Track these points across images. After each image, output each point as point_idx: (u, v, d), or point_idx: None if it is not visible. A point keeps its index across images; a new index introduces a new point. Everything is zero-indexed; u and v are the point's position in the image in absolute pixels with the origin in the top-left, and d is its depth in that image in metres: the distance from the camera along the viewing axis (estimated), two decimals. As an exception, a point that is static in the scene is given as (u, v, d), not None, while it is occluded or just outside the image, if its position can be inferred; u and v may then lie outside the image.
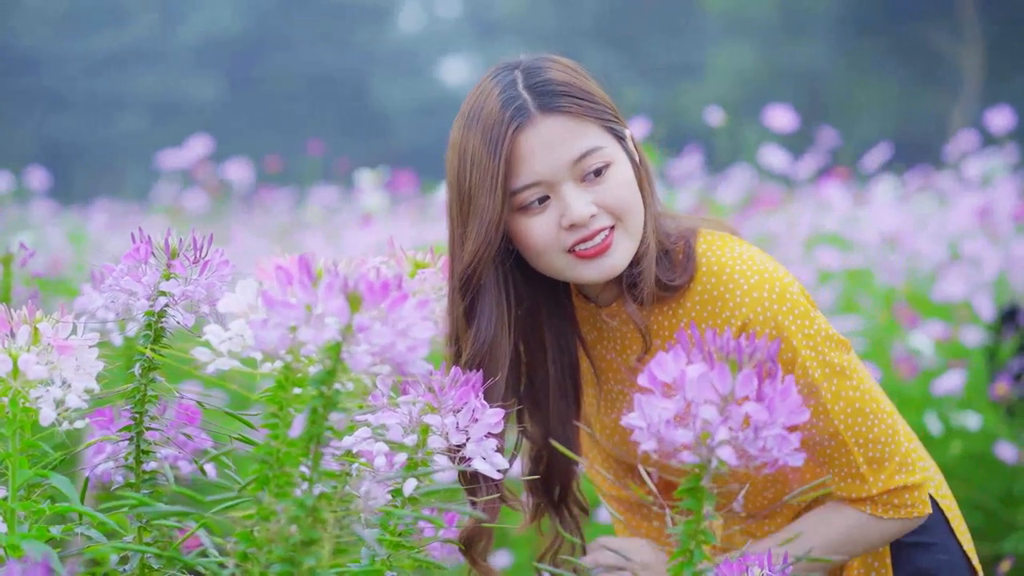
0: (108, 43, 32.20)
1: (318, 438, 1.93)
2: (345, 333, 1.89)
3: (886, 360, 5.22)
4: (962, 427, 4.89)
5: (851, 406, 2.63)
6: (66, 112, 31.26)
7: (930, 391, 5.05)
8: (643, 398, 1.98)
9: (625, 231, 2.60)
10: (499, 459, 2.24)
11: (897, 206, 6.91)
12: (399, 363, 1.91)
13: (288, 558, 1.91)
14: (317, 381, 1.92)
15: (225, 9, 33.29)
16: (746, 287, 2.59)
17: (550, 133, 2.56)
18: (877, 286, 5.93)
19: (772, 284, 2.59)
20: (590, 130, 2.58)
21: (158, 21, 33.23)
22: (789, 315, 2.59)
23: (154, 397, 2.29)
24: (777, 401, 1.97)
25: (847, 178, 7.46)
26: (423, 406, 2.23)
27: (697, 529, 2.02)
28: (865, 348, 5.35)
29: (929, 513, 2.70)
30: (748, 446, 1.96)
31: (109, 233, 8.91)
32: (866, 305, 5.76)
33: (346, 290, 1.89)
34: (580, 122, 2.58)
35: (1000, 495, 4.82)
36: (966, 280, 5.50)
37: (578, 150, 2.57)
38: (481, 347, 2.64)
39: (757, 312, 2.58)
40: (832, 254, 5.87)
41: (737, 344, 1.99)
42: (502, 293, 2.66)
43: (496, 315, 2.65)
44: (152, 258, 2.28)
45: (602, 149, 2.58)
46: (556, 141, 2.56)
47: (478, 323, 2.65)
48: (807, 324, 2.60)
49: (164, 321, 2.29)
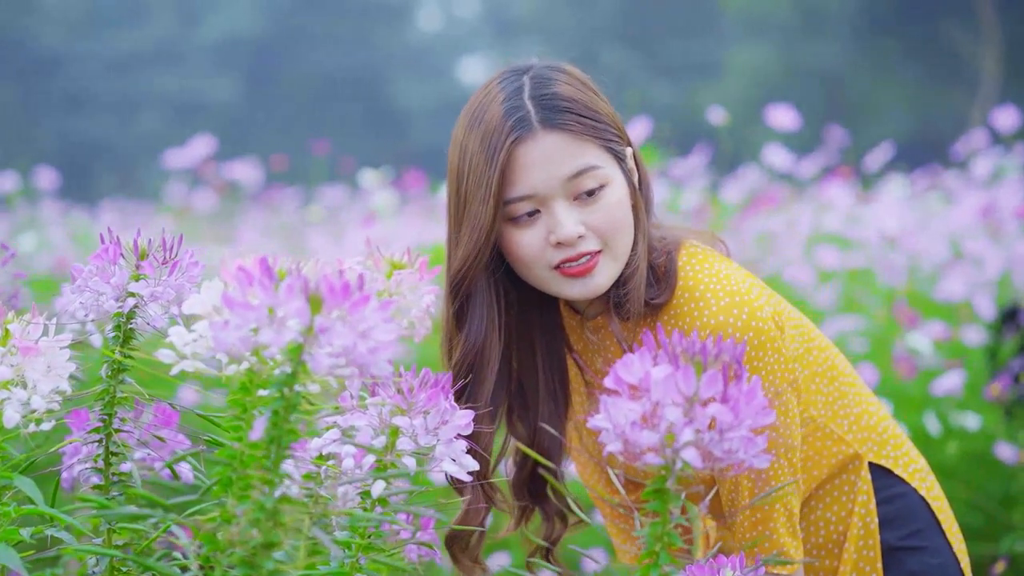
0: (127, 43, 32.26)
1: (279, 440, 1.93)
2: (306, 335, 1.88)
3: (886, 360, 5.20)
4: (961, 427, 4.87)
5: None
6: (85, 112, 31.33)
7: (930, 391, 5.02)
8: (609, 399, 1.97)
9: (611, 255, 2.60)
10: (469, 461, 2.23)
11: (904, 205, 6.88)
12: (362, 365, 1.90)
13: (248, 561, 1.90)
14: (278, 383, 1.91)
15: (244, 9, 33.33)
16: (715, 308, 2.59)
17: (549, 149, 2.56)
18: (878, 286, 5.91)
19: (741, 308, 2.58)
20: (589, 149, 2.58)
21: (177, 21, 33.28)
22: (748, 345, 2.57)
23: (124, 399, 2.27)
24: (742, 403, 1.96)
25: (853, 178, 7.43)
26: (392, 408, 2.22)
27: (663, 531, 2.01)
28: (866, 348, 5.34)
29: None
30: (713, 448, 1.95)
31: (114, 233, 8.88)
32: (867, 305, 5.73)
33: (307, 292, 1.89)
34: (580, 141, 2.57)
35: (1000, 496, 4.80)
36: (968, 280, 5.48)
37: (574, 168, 2.56)
38: (470, 350, 2.65)
39: (719, 336, 2.57)
40: (832, 253, 5.85)
41: (703, 346, 1.99)
42: (493, 298, 2.67)
43: (486, 319, 2.66)
44: (121, 259, 2.27)
45: (598, 169, 2.57)
46: (554, 157, 2.56)
47: (468, 326, 2.66)
48: (763, 355, 2.59)
49: (134, 322, 2.28)
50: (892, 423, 2.86)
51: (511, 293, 2.73)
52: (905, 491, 2.80)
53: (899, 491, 2.80)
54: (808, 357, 2.75)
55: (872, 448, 2.79)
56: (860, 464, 2.78)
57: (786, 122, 6.20)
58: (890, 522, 2.78)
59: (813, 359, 2.76)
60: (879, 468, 2.79)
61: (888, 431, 2.82)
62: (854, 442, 2.77)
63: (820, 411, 2.76)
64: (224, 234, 7.87)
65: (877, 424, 2.81)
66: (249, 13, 33.35)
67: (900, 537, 2.77)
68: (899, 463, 2.81)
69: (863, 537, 2.77)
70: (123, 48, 32.17)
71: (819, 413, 2.75)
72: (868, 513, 2.77)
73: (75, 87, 31.54)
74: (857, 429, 2.78)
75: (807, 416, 2.73)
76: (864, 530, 2.77)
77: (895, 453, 2.81)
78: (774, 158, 6.50)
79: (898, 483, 2.80)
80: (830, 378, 2.78)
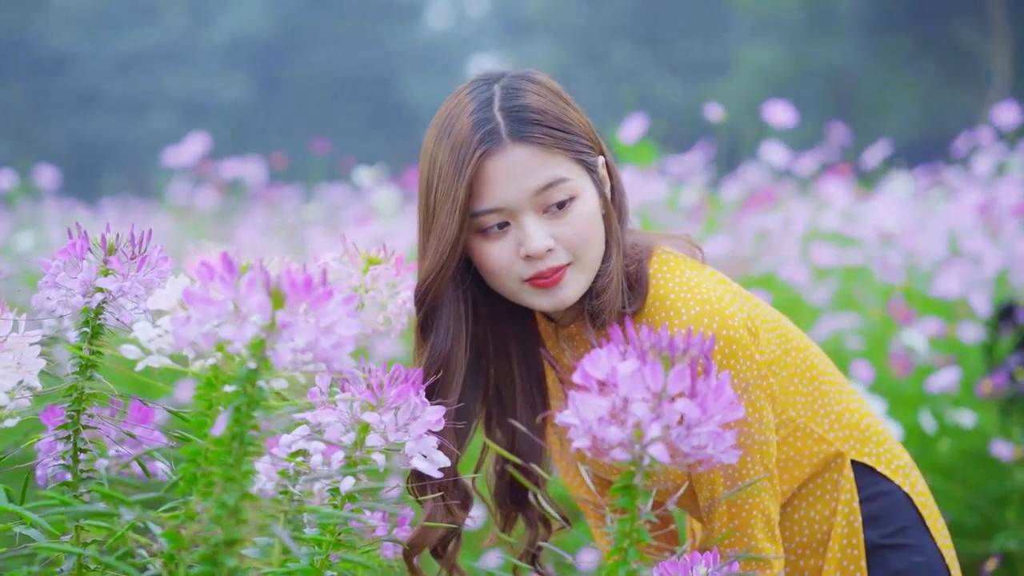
0: (136, 43, 32.30)
1: (241, 437, 1.91)
2: (268, 330, 1.86)
3: (882, 357, 5.18)
4: (957, 425, 4.84)
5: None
6: (94, 111, 31.37)
7: (925, 389, 4.99)
8: (577, 395, 1.95)
9: (580, 266, 2.59)
10: (440, 457, 2.22)
11: (907, 203, 6.84)
12: (324, 360, 1.88)
13: (210, 558, 1.88)
14: (241, 379, 1.89)
15: (253, 9, 33.35)
16: (685, 317, 2.57)
17: (517, 162, 2.53)
18: (876, 283, 5.88)
19: (712, 316, 2.56)
20: (559, 162, 2.55)
21: (187, 21, 33.30)
22: (719, 354, 2.55)
23: (93, 395, 2.26)
24: (710, 398, 1.94)
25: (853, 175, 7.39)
26: (362, 404, 2.20)
27: (632, 528, 1.99)
28: (862, 346, 5.31)
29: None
30: (681, 443, 1.93)
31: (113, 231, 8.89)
32: (864, 302, 5.70)
33: (269, 286, 1.87)
34: (549, 153, 2.55)
35: (996, 494, 4.77)
36: (965, 277, 5.45)
37: (543, 181, 2.54)
38: (435, 360, 2.64)
39: None
40: (828, 251, 5.82)
41: (671, 341, 1.97)
42: (461, 308, 2.66)
43: (452, 330, 2.64)
44: (89, 254, 2.25)
45: (568, 182, 2.55)
46: (522, 170, 2.53)
47: (434, 336, 2.64)
48: (735, 362, 2.57)
49: (103, 318, 2.26)
50: (874, 420, 2.83)
51: (482, 303, 2.72)
52: (889, 488, 2.78)
53: (883, 488, 2.78)
54: (786, 359, 2.73)
55: (854, 446, 2.77)
56: (842, 462, 2.75)
57: (784, 119, 6.17)
58: (874, 520, 2.76)
59: (791, 360, 2.74)
60: (862, 466, 2.77)
61: (870, 428, 2.80)
62: (835, 440, 2.75)
63: (800, 412, 2.74)
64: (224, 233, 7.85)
65: (859, 421, 2.79)
66: (258, 13, 33.37)
67: (884, 535, 2.75)
68: (882, 460, 2.79)
69: (847, 536, 2.75)
70: (132, 48, 32.21)
71: (799, 414, 2.73)
72: (851, 512, 2.75)
73: (83, 86, 31.58)
74: (838, 427, 2.76)
75: (786, 417, 2.71)
76: (848, 529, 2.75)
77: (877, 450, 2.79)
78: (772, 155, 6.47)
79: (881, 480, 2.78)
80: (809, 378, 2.76)
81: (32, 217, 8.98)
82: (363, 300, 2.64)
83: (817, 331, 5.21)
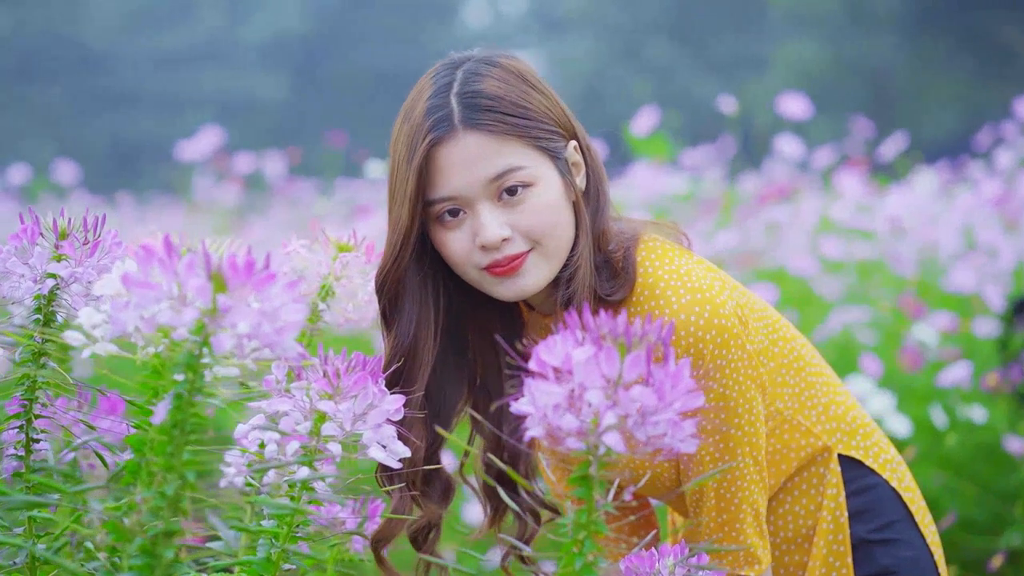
0: (175, 41, 32.41)
1: (183, 425, 1.86)
2: (209, 315, 1.81)
3: (893, 352, 5.10)
4: (968, 420, 4.76)
5: (724, 442, 2.55)
6: (135, 109, 31.48)
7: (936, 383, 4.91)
8: (532, 382, 1.89)
9: (543, 254, 2.52)
10: (399, 447, 2.16)
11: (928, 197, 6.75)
12: (268, 345, 1.83)
13: (149, 550, 1.83)
14: (181, 365, 1.84)
15: (291, 7, 33.40)
16: (675, 306, 2.50)
17: (469, 150, 2.47)
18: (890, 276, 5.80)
19: (703, 305, 2.50)
20: (513, 149, 2.48)
21: (224, 19, 33.38)
22: (711, 343, 2.49)
23: (46, 383, 2.21)
24: (667, 385, 1.88)
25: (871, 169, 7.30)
26: (319, 392, 2.14)
27: (588, 520, 1.93)
28: (874, 340, 5.23)
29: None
30: (637, 432, 1.87)
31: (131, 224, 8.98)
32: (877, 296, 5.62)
33: (209, 270, 1.81)
34: (502, 141, 2.48)
35: (1006, 490, 4.69)
36: (980, 271, 5.37)
37: (495, 170, 2.47)
38: (399, 349, 2.58)
39: (681, 335, 2.49)
40: (838, 244, 5.73)
41: (627, 326, 1.91)
42: (428, 296, 2.60)
43: (417, 318, 2.58)
44: (41, 239, 2.20)
45: (522, 170, 2.48)
46: (474, 159, 2.47)
47: (397, 326, 2.59)
48: (727, 352, 2.51)
49: (55, 305, 2.21)
50: (861, 413, 2.77)
51: (460, 292, 2.66)
52: (876, 482, 2.71)
53: (870, 482, 2.71)
54: (773, 349, 2.66)
55: (841, 439, 2.70)
56: (829, 456, 2.69)
57: (798, 112, 6.10)
58: (861, 514, 2.69)
59: (779, 350, 2.68)
60: (849, 459, 2.71)
61: (857, 420, 2.73)
62: (822, 434, 2.69)
63: (787, 403, 2.67)
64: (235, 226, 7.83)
65: (845, 414, 2.72)
66: (296, 11, 33.41)
67: (871, 530, 2.68)
68: (869, 454, 2.72)
69: (832, 532, 2.68)
70: (170, 46, 32.31)
71: (786, 406, 2.67)
72: (838, 507, 2.68)
73: (123, 85, 31.70)
74: (825, 420, 2.70)
75: (774, 409, 2.65)
76: (834, 524, 2.68)
77: (865, 443, 2.73)
78: (787, 148, 6.39)
79: (869, 474, 2.71)
80: (796, 369, 2.70)
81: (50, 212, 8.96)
82: (333, 288, 2.60)
83: (828, 325, 5.13)
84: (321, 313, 2.60)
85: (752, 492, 2.57)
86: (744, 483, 2.56)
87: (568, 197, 2.53)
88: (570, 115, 2.60)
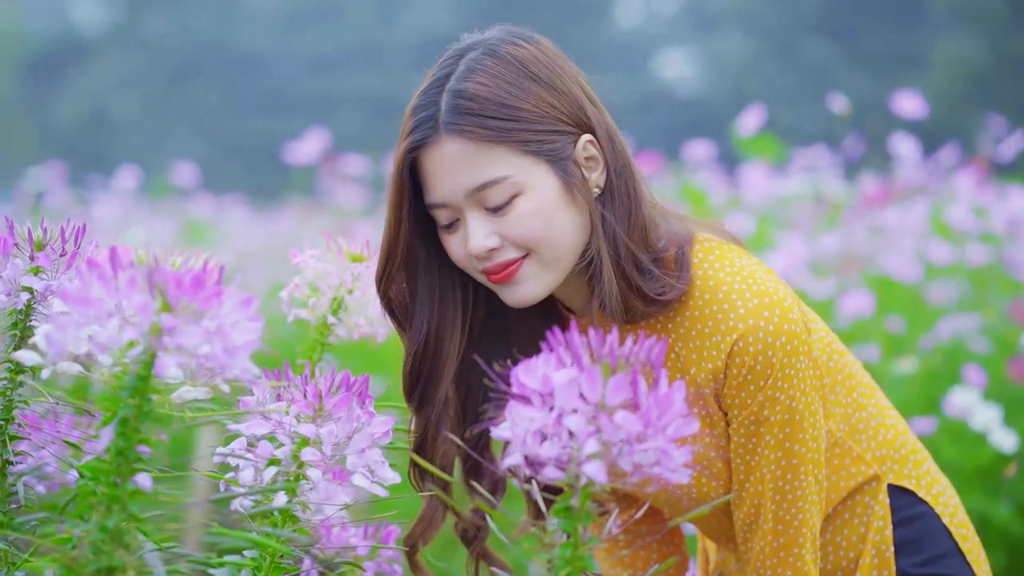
0: (325, 42, 32.72)
1: (126, 453, 1.72)
2: (151, 334, 1.67)
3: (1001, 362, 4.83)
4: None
5: (787, 459, 2.36)
6: (286, 110, 31.80)
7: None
8: (512, 406, 1.73)
9: (540, 262, 2.33)
10: (388, 473, 2.01)
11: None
12: (218, 367, 1.69)
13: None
14: (125, 388, 1.71)
15: (440, 8, 33.53)
16: (743, 311, 2.31)
17: (450, 157, 2.29)
18: (1009, 281, 5.52)
19: (772, 309, 2.31)
20: (496, 156, 2.28)
21: (376, 20, 33.63)
22: (781, 350, 2.31)
23: (25, 401, 2.09)
24: (655, 410, 1.71)
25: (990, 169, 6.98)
26: (298, 415, 2.00)
27: (574, 555, 1.77)
28: (987, 349, 4.96)
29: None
30: (622, 460, 1.70)
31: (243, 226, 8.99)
32: (992, 303, 5.34)
33: (153, 285, 1.68)
34: (483, 148, 2.28)
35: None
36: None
37: (475, 181, 2.28)
38: (414, 349, 2.41)
39: (749, 341, 2.29)
40: (947, 248, 5.47)
41: (612, 345, 1.74)
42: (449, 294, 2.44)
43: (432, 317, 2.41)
44: (16, 250, 2.09)
45: (506, 180, 2.28)
46: (455, 167, 2.29)
47: (411, 327, 2.42)
48: (795, 360, 2.32)
49: (32, 319, 2.09)
50: (912, 437, 2.56)
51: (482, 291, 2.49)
52: (924, 511, 2.50)
53: (918, 512, 2.50)
54: (828, 363, 2.47)
55: (891, 468, 2.50)
56: (878, 486, 2.49)
57: (912, 109, 5.85)
58: (907, 546, 2.49)
59: (833, 365, 2.48)
60: (898, 488, 2.50)
61: (907, 447, 2.52)
62: (873, 462, 2.49)
63: (838, 424, 2.47)
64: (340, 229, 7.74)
65: (895, 439, 2.52)
66: (445, 12, 33.52)
67: (917, 563, 2.48)
68: (921, 484, 2.52)
69: (877, 567, 2.48)
70: (321, 47, 32.63)
71: (837, 427, 2.47)
72: (883, 540, 2.48)
73: (274, 86, 32.08)
74: (875, 446, 2.49)
75: (825, 429, 2.45)
76: (878, 558, 2.48)
77: (916, 472, 2.52)
78: (902, 148, 6.13)
79: (917, 503, 2.50)
80: (848, 387, 2.50)
81: (180, 211, 9.01)
82: (345, 301, 2.46)
83: (936, 333, 4.88)
84: (332, 327, 2.46)
85: (811, 515, 2.39)
86: (805, 504, 2.38)
87: (569, 199, 2.32)
88: (587, 106, 2.39)
